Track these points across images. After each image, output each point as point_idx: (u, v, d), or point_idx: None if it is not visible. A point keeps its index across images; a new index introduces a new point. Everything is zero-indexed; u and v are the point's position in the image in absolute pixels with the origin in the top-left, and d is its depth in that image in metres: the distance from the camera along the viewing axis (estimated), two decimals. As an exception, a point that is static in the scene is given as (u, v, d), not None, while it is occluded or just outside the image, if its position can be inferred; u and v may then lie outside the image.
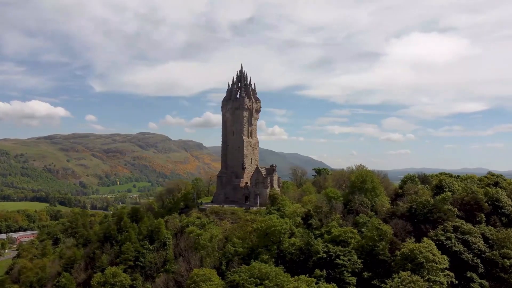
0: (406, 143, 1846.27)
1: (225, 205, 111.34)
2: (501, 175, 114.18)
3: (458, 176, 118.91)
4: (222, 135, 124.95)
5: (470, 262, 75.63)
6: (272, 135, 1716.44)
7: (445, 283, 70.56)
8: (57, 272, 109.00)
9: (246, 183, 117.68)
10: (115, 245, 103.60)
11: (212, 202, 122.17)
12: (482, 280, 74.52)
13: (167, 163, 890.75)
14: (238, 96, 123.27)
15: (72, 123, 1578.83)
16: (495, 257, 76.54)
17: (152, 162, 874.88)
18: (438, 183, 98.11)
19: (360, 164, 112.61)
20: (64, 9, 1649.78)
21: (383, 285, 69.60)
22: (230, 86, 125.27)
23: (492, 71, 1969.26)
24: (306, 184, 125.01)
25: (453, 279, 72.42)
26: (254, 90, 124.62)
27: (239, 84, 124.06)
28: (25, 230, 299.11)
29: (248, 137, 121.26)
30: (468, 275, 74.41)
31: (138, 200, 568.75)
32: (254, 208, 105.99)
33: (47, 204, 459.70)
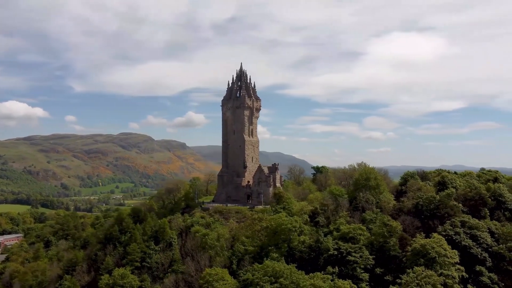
0: (387, 141, 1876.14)
1: (228, 205, 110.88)
2: (497, 171, 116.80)
3: (455, 172, 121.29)
4: (222, 134, 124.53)
5: (479, 256, 77.35)
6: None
7: (457, 277, 72.08)
8: (58, 275, 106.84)
9: (248, 182, 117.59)
10: (118, 246, 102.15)
11: (213, 201, 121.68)
12: (490, 274, 76.32)
13: (150, 164, 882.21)
14: (238, 95, 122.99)
15: (51, 123, 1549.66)
16: (502, 251, 78.46)
17: (135, 162, 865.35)
18: (441, 180, 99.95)
19: (362, 162, 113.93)
20: (42, 8, 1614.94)
21: (398, 280, 70.69)
22: (230, 85, 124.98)
23: (470, 70, 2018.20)
24: (306, 182, 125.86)
25: (464, 273, 74.04)
26: (254, 89, 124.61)
27: (239, 83, 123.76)
28: (9, 233, 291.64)
29: (249, 136, 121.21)
30: (477, 269, 76.04)
31: (122, 201, 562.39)
32: (259, 206, 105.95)
33: (29, 207, 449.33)
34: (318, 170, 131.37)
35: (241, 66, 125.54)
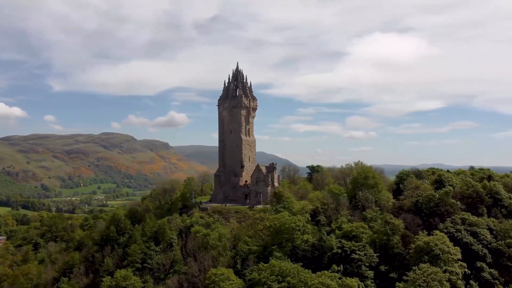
0: (368, 141, 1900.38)
1: (228, 204, 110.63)
2: (489, 169, 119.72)
3: (448, 170, 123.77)
4: (219, 133, 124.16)
5: (480, 253, 79.24)
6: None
7: (460, 274, 73.67)
8: (54, 278, 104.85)
9: (246, 181, 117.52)
10: (116, 247, 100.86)
11: (210, 201, 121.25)
12: (491, 269, 78.30)
13: (133, 164, 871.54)
14: (235, 94, 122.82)
15: (30, 123, 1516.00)
16: (501, 247, 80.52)
17: (117, 162, 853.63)
18: (438, 178, 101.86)
19: (359, 161, 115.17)
20: (21, 5, 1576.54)
21: (405, 277, 71.71)
22: (227, 84, 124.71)
23: (449, 70, 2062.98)
24: (303, 181, 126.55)
25: (466, 269, 75.72)
26: (250, 89, 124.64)
27: (236, 83, 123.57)
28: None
29: (246, 136, 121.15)
30: (478, 265, 77.90)
31: (105, 202, 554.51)
32: (258, 206, 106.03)
33: (9, 208, 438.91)
34: (314, 169, 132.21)
35: (237, 66, 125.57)
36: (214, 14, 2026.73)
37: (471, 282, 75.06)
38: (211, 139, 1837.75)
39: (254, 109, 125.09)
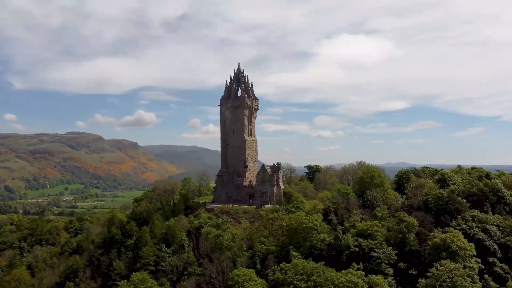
0: (336, 140, 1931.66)
1: (234, 205, 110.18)
2: (481, 168, 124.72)
3: (442, 169, 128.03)
4: (221, 133, 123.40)
5: (491, 248, 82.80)
6: (207, 133, 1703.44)
7: (476, 269, 76.74)
8: (55, 283, 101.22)
9: (250, 181, 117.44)
10: (124, 250, 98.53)
11: (213, 201, 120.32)
12: (502, 264, 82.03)
13: (101, 164, 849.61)
14: (237, 94, 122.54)
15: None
16: (510, 243, 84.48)
17: (85, 163, 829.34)
18: (441, 177, 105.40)
19: (361, 161, 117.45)
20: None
21: (427, 273, 73.95)
22: (228, 84, 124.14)
23: (414, 71, 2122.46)
24: (304, 181, 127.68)
25: (481, 265, 79.01)
26: (252, 89, 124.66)
27: (238, 82, 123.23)
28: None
29: (248, 136, 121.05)
30: (490, 260, 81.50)
31: (74, 203, 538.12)
32: (266, 206, 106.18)
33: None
34: (313, 169, 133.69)
35: (238, 66, 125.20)
36: (183, 13, 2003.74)
37: (486, 276, 78.35)
38: (181, 138, 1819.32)
39: (256, 109, 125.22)
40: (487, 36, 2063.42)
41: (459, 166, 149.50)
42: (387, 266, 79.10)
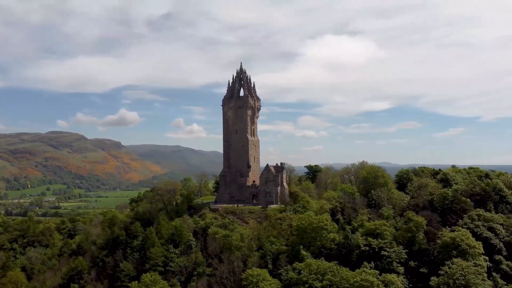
0: (319, 140, 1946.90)
1: (239, 205, 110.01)
2: (478, 168, 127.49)
3: (440, 169, 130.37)
4: (223, 133, 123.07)
5: (498, 247, 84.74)
6: (191, 133, 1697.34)
7: (485, 267, 78.49)
8: (58, 284, 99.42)
9: (254, 181, 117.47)
10: (129, 251, 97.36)
11: (216, 201, 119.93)
12: (508, 262, 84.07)
13: (84, 164, 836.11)
14: (240, 94, 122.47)
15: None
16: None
17: (67, 162, 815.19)
18: (443, 177, 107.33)
19: (363, 161, 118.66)
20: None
21: (440, 271, 75.29)
22: (231, 84, 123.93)
23: (397, 72, 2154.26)
24: (305, 181, 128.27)
25: (489, 263, 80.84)
26: (254, 89, 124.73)
27: (241, 82, 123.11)
28: None
29: (251, 136, 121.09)
30: (497, 258, 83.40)
31: (57, 204, 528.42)
32: (272, 206, 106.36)
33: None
34: (313, 169, 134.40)
35: (241, 65, 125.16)
36: (167, 11, 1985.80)
37: (493, 274, 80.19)
38: (164, 138, 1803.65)
39: (258, 109, 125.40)
40: (468, 38, 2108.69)
41: (453, 166, 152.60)
42: (398, 265, 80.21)
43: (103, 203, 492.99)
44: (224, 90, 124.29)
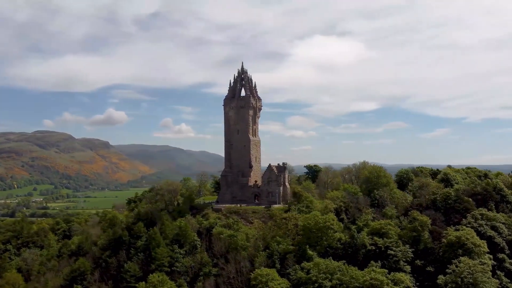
0: (308, 140, 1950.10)
1: (243, 205, 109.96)
2: (475, 167, 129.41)
3: (438, 169, 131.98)
4: (225, 133, 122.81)
5: (501, 245, 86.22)
6: (179, 133, 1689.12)
7: (490, 265, 79.81)
8: (60, 286, 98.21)
9: (256, 181, 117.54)
10: (133, 251, 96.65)
11: (217, 201, 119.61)
12: (511, 260, 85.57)
13: (71, 164, 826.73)
14: (242, 94, 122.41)
15: None
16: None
17: (54, 162, 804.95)
18: (444, 177, 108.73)
19: (364, 161, 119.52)
20: None
21: (447, 270, 76.31)
22: (232, 84, 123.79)
23: (384, 73, 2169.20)
24: (306, 181, 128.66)
25: (493, 261, 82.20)
26: (255, 89, 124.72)
27: (243, 82, 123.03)
28: None
29: (253, 136, 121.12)
30: (500, 257, 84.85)
31: (44, 204, 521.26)
32: (275, 206, 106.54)
33: None
34: (313, 169, 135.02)
35: (242, 65, 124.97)
36: (155, 10, 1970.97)
37: (498, 272, 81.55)
38: (153, 138, 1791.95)
39: (260, 109, 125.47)
40: (454, 40, 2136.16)
41: (449, 166, 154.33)
42: (405, 264, 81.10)
43: (92, 204, 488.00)
44: (213, 90, 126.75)
